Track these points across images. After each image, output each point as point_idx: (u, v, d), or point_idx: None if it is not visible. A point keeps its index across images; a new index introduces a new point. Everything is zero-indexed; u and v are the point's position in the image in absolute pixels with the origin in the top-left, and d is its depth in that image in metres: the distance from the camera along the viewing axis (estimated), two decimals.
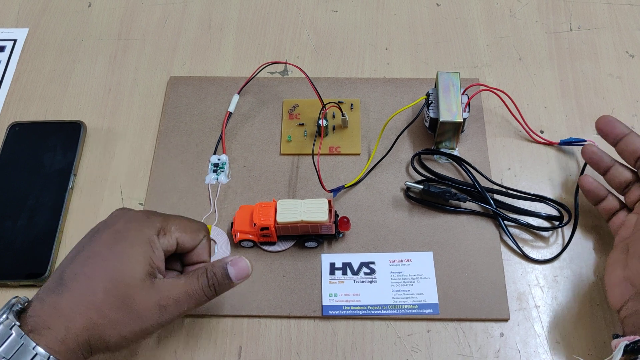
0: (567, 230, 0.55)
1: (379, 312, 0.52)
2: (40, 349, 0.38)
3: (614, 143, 0.52)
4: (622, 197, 0.53)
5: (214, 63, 0.67)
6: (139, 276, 0.41)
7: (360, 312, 0.52)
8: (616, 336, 0.43)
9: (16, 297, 0.41)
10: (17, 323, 0.39)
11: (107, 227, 0.43)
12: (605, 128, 0.52)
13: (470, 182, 0.57)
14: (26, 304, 0.41)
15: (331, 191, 0.57)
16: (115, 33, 0.70)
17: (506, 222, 0.55)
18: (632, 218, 0.50)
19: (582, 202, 0.56)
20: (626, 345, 0.41)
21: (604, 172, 0.53)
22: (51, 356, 0.38)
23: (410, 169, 0.59)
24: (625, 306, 0.45)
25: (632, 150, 0.50)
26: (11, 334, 0.38)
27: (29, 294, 0.53)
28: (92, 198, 0.59)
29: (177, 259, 0.47)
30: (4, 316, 0.39)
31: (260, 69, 0.62)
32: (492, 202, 0.55)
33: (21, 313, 0.40)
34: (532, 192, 0.56)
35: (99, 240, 0.42)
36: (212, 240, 0.56)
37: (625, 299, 0.45)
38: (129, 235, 0.42)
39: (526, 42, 0.68)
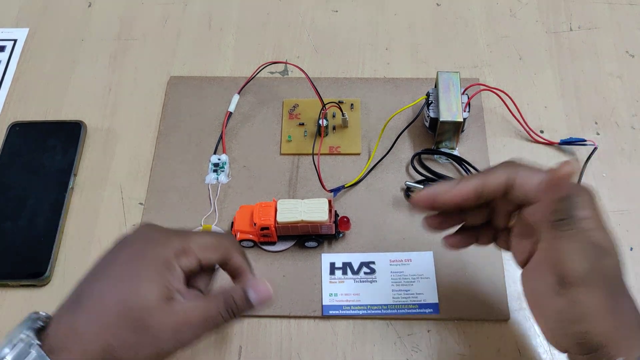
0: None
1: (379, 312, 0.52)
2: None
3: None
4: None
5: (214, 63, 0.67)
6: (154, 299, 0.39)
7: (360, 312, 0.52)
8: None
9: (36, 312, 0.40)
10: (38, 342, 0.37)
11: (126, 245, 0.42)
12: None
13: None
14: (47, 320, 0.40)
15: (331, 191, 0.57)
16: (115, 33, 0.70)
17: None
18: (523, 243, 0.42)
19: None
20: None
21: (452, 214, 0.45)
22: None
23: (410, 169, 0.59)
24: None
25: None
26: (31, 353, 0.37)
27: (28, 294, 0.54)
28: (92, 198, 0.59)
29: (209, 276, 0.45)
30: (26, 333, 0.38)
31: (260, 69, 0.62)
32: None
33: (41, 331, 0.39)
34: None
35: (117, 260, 0.41)
36: None
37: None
38: (146, 256, 0.41)
39: (526, 42, 0.68)
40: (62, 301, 0.40)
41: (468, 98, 0.57)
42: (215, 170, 0.59)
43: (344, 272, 0.54)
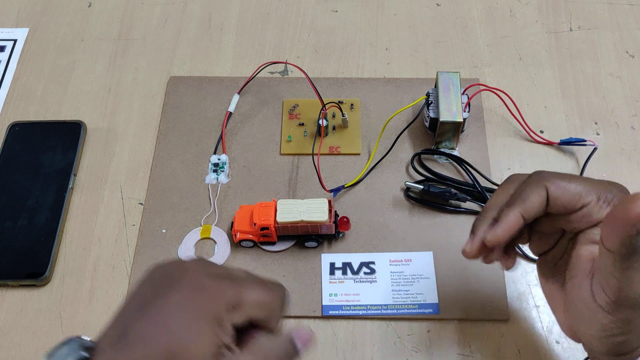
0: None
1: (379, 312, 0.52)
2: None
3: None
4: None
5: (214, 63, 0.67)
6: (202, 356, 0.37)
7: (360, 312, 0.52)
8: None
9: (80, 338, 0.37)
10: None
11: (177, 287, 0.39)
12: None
13: (470, 182, 0.57)
14: (90, 349, 0.37)
15: (331, 191, 0.57)
16: (115, 33, 0.70)
17: None
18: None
19: None
20: None
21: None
22: None
23: (410, 169, 0.59)
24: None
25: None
26: None
27: (28, 294, 0.54)
28: (92, 198, 0.59)
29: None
30: None
31: (260, 69, 0.62)
32: None
33: None
34: None
35: (167, 303, 0.38)
36: (212, 240, 0.56)
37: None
38: (198, 308, 0.38)
39: (526, 42, 0.68)
40: (104, 329, 0.38)
41: (468, 98, 0.57)
42: (215, 170, 0.59)
43: (344, 272, 0.54)
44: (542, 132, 0.61)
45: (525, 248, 0.55)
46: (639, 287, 0.36)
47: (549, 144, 0.60)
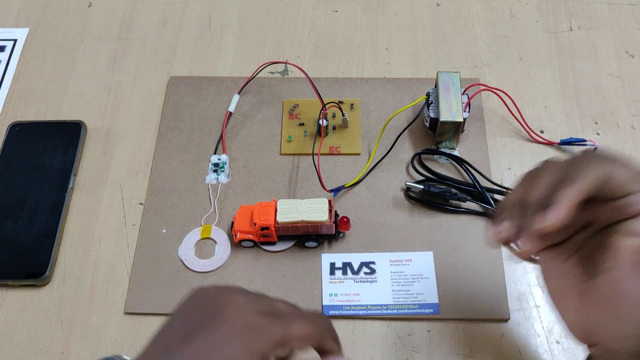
0: None
1: (379, 312, 0.52)
2: None
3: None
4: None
5: (214, 63, 0.67)
6: None
7: (360, 312, 0.52)
8: None
9: (119, 357, 0.38)
10: None
11: (225, 321, 0.39)
12: None
13: (471, 182, 0.57)
14: None
15: (331, 191, 0.57)
16: (115, 33, 0.70)
17: None
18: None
19: None
20: None
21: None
22: None
23: (411, 169, 0.59)
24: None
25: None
26: None
27: (28, 294, 0.54)
28: (92, 198, 0.59)
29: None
30: None
31: (261, 69, 0.62)
32: (492, 202, 0.55)
33: None
34: None
35: (214, 337, 0.38)
36: (212, 240, 0.56)
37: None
38: (245, 345, 0.38)
39: (526, 42, 0.68)
40: (145, 349, 0.38)
41: (468, 98, 0.57)
42: (215, 170, 0.59)
43: (344, 272, 0.54)
44: (542, 132, 0.61)
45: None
46: None
47: (549, 144, 0.60)
